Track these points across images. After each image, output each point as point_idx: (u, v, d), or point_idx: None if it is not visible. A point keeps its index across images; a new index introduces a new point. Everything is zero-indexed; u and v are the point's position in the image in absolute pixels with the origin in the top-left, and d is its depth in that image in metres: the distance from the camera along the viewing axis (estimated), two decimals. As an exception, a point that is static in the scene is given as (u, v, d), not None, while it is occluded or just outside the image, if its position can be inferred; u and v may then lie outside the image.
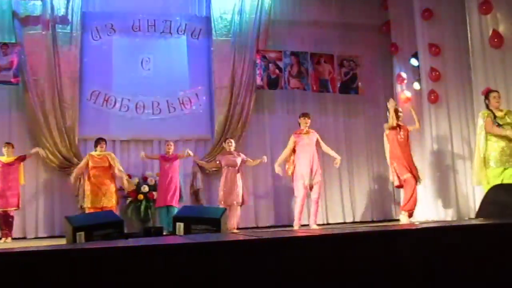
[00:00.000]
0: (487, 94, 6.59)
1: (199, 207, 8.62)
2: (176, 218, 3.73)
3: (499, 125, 6.23)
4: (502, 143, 6.19)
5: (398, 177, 7.78)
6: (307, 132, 8.27)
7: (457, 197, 8.59)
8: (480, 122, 6.39)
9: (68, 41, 9.62)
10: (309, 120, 8.30)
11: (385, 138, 8.09)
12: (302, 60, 10.44)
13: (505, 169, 6.17)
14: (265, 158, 9.16)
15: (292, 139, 8.24)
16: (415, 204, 7.66)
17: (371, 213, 10.81)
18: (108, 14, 10.09)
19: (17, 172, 8.48)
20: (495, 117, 6.27)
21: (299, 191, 8.08)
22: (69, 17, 9.66)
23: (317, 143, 8.28)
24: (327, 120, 10.72)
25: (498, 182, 6.06)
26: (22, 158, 8.58)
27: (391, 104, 7.88)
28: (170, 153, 9.17)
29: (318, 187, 8.12)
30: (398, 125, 7.86)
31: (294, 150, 8.21)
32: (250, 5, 10.43)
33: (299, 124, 8.34)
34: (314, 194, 8.14)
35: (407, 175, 7.62)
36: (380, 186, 10.93)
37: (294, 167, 8.14)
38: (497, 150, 6.19)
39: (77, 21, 9.71)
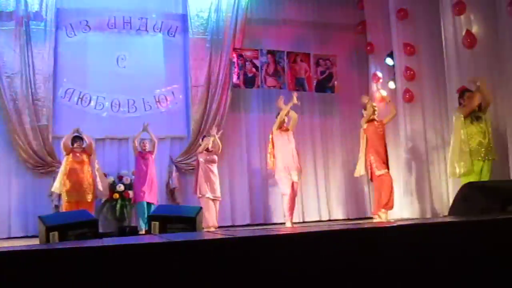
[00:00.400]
0: (461, 93, 6.70)
1: (174, 206, 8.59)
2: (152, 217, 3.71)
3: (478, 117, 6.39)
4: (479, 138, 6.33)
5: (372, 172, 7.84)
6: (286, 130, 8.32)
7: (431, 195, 8.68)
8: (459, 118, 6.52)
9: (42, 38, 9.48)
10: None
11: (361, 133, 8.11)
12: (278, 59, 10.46)
13: (483, 162, 6.32)
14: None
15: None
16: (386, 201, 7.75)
17: (347, 211, 10.87)
18: (83, 11, 9.98)
19: None
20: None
21: (285, 186, 8.08)
22: (43, 13, 9.52)
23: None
24: (303, 118, 10.72)
25: (478, 176, 6.22)
26: None
27: (365, 100, 7.96)
28: (146, 151, 9.07)
29: (296, 185, 8.17)
30: (375, 120, 7.92)
31: (273, 144, 8.27)
32: (227, 3, 10.41)
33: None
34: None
35: (384, 171, 7.68)
36: (356, 184, 10.98)
37: (275, 163, 8.17)
38: (475, 143, 6.33)
39: (51, 17, 9.58)
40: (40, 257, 1.69)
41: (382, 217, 7.77)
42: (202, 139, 9.02)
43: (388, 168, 7.86)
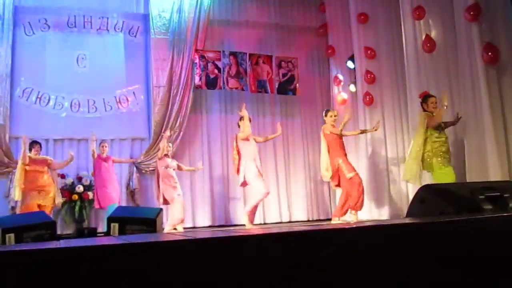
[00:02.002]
0: (424, 98, 6.83)
1: (134, 207, 8.51)
2: (111, 219, 3.67)
3: (441, 127, 6.59)
4: (437, 145, 6.50)
5: (340, 175, 7.82)
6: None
7: (391, 198, 8.81)
8: (421, 122, 6.66)
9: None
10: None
11: (322, 137, 8.10)
12: (240, 60, 10.48)
13: (444, 168, 6.51)
14: (200, 165, 9.19)
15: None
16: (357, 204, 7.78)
17: (307, 213, 10.95)
18: (42, 9, 9.80)
19: None
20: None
21: (261, 187, 8.07)
22: (0, 11, 9.30)
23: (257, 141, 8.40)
24: (265, 120, 10.80)
25: (450, 179, 6.39)
26: None
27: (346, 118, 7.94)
28: (105, 154, 8.95)
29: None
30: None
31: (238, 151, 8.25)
32: (189, 4, 10.37)
33: (238, 125, 8.38)
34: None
35: (352, 174, 7.70)
36: (317, 186, 11.08)
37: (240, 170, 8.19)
38: (441, 149, 6.49)
39: (9, 15, 9.37)
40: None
41: (353, 218, 7.79)
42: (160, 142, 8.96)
43: (356, 171, 7.87)
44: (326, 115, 8.07)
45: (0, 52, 9.22)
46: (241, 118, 8.30)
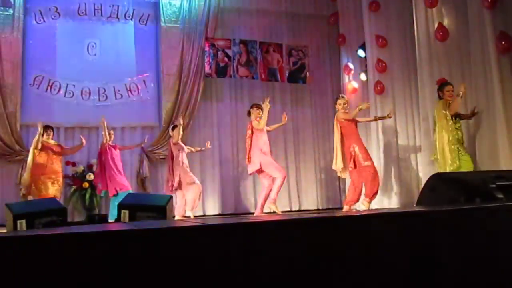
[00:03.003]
0: (441, 86, 6.75)
1: (144, 194, 8.53)
2: (122, 206, 3.68)
3: (459, 115, 6.57)
4: (453, 132, 6.45)
5: (355, 162, 7.66)
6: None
7: (402, 187, 8.77)
8: (441, 111, 6.61)
9: (10, 24, 9.29)
10: (261, 112, 8.26)
11: (336, 125, 7.94)
12: (251, 48, 10.44)
13: (459, 156, 6.49)
14: (208, 145, 9.15)
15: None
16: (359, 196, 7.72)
17: (317, 201, 10.95)
18: (52, -3, 9.82)
19: None
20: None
21: (278, 172, 8.05)
22: (11, -1, 9.35)
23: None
24: (275, 109, 10.69)
25: (469, 167, 6.38)
26: None
27: (365, 105, 7.81)
28: (110, 143, 8.87)
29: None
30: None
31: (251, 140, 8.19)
32: (199, -8, 10.36)
33: (249, 112, 8.30)
34: (268, 182, 8.15)
35: (369, 163, 7.56)
36: (327, 175, 11.07)
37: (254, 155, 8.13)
38: (459, 137, 6.49)
39: (20, 3, 9.39)
40: (9, 244, 1.66)
41: (365, 206, 7.68)
42: (172, 129, 8.92)
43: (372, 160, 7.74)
44: (336, 102, 8.00)
45: (11, 40, 9.25)
46: (256, 107, 8.24)
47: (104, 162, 8.83)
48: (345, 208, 7.87)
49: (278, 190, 8.09)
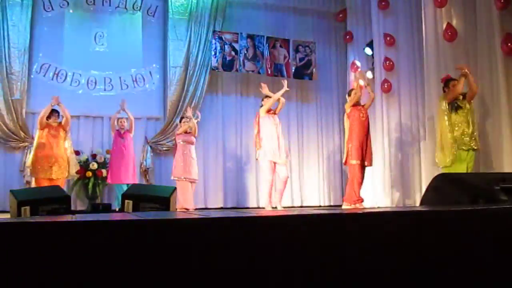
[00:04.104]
0: (446, 82, 6.72)
1: (148, 185, 8.54)
2: (125, 196, 3.69)
3: (457, 107, 6.46)
4: (463, 126, 6.39)
5: (347, 159, 7.80)
6: (274, 113, 8.27)
7: (405, 186, 8.77)
8: (442, 105, 6.57)
9: (18, 11, 9.31)
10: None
11: (345, 119, 7.99)
12: (258, 43, 10.44)
13: (467, 152, 6.39)
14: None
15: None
16: (356, 194, 7.67)
17: (319, 198, 10.97)
18: (61, -14, 9.83)
19: None
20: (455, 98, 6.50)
21: (267, 172, 8.05)
22: (20, -14, 9.35)
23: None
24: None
25: (462, 166, 6.29)
26: None
27: (359, 76, 7.79)
28: (123, 130, 8.93)
29: (286, 166, 8.16)
30: (359, 104, 7.85)
31: (258, 127, 8.19)
32: (207, -15, 10.35)
33: (262, 106, 8.31)
34: (283, 173, 8.11)
35: (356, 161, 7.62)
36: (330, 171, 11.09)
37: (261, 147, 8.11)
38: (458, 132, 6.39)
39: (29, -9, 9.42)
40: (12, 231, 1.67)
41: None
42: (180, 121, 8.93)
43: (362, 159, 7.73)
44: (349, 95, 7.98)
45: (18, 27, 9.27)
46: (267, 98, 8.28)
47: (111, 150, 8.97)
48: (344, 205, 7.89)
49: (267, 192, 8.09)
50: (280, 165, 8.05)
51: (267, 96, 8.29)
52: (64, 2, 9.80)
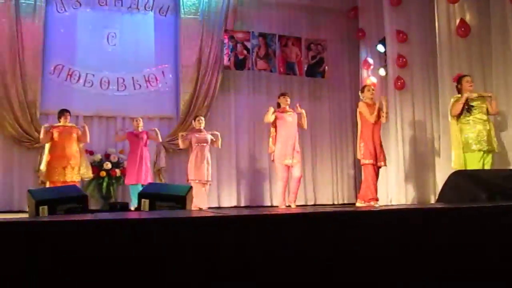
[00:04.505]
0: (459, 79, 6.67)
1: (164, 184, 8.55)
2: (142, 195, 3.71)
3: (469, 107, 6.40)
4: (479, 127, 6.33)
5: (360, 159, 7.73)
6: (289, 111, 8.23)
7: (419, 184, 8.71)
8: (451, 106, 6.54)
9: (32, 12, 9.36)
10: (289, 99, 8.25)
11: (358, 116, 7.88)
12: (269, 42, 10.44)
13: (484, 153, 6.33)
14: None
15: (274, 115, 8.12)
16: (372, 193, 7.58)
17: (333, 196, 10.95)
18: (74, -13, 9.88)
19: None
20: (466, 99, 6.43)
21: (281, 172, 8.03)
22: (34, -12, 9.41)
23: (299, 122, 8.24)
24: (292, 102, 10.73)
25: (478, 166, 6.22)
26: None
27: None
28: (139, 129, 8.93)
29: (300, 165, 8.12)
30: (372, 103, 7.68)
31: (275, 128, 8.16)
32: (219, -16, 10.36)
33: (278, 104, 8.23)
34: (296, 173, 8.07)
35: (368, 161, 7.54)
36: (343, 169, 11.07)
37: (275, 145, 8.09)
38: (474, 133, 6.33)
39: (42, -8, 9.48)
40: (34, 230, 1.69)
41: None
42: (194, 120, 8.92)
43: (374, 159, 7.56)
44: (362, 91, 7.88)
45: (32, 29, 9.33)
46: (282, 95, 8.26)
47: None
48: (358, 202, 7.81)
49: (281, 191, 8.08)
50: (293, 165, 8.03)
51: (284, 94, 8.27)
52: (77, 3, 9.86)
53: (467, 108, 6.43)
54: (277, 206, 8.65)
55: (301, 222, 2.15)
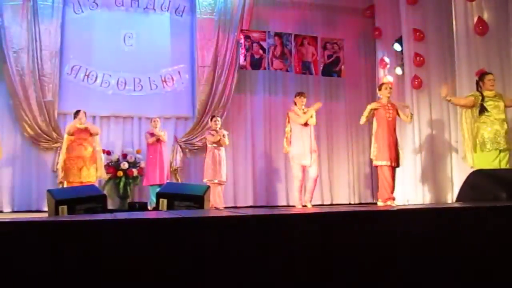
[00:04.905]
0: (481, 76, 6.59)
1: (182, 184, 8.60)
2: (160, 194, 3.73)
3: (482, 108, 6.34)
4: (496, 126, 6.27)
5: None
6: (305, 111, 8.20)
7: (437, 182, 8.65)
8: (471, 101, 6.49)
9: (49, 14, 9.45)
10: (305, 99, 8.23)
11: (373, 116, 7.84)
12: (285, 41, 10.42)
13: (500, 152, 6.26)
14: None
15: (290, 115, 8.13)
16: (388, 193, 7.53)
17: (349, 196, 10.91)
18: (91, -12, 9.95)
19: None
20: (483, 98, 6.36)
21: (297, 172, 8.03)
22: (51, -11, 9.49)
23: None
24: (308, 102, 10.67)
25: (494, 165, 6.15)
26: None
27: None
28: (156, 130, 9.04)
29: (316, 165, 8.10)
30: (389, 103, 7.64)
31: (290, 129, 8.14)
32: (235, -16, 10.37)
33: (295, 103, 8.21)
34: (313, 173, 8.04)
35: (382, 163, 7.48)
36: (359, 169, 11.04)
37: (291, 145, 8.08)
38: (491, 132, 6.27)
39: (59, -7, 9.56)
40: (56, 229, 1.70)
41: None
42: (211, 120, 8.98)
43: (390, 160, 7.44)
44: (380, 89, 7.84)
45: (50, 30, 9.41)
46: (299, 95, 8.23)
47: None
48: (379, 202, 7.77)
49: (298, 191, 8.06)
50: (311, 165, 8.00)
51: (301, 94, 8.25)
52: (94, 3, 9.92)
53: (480, 109, 6.39)
54: (293, 206, 8.63)
55: (320, 222, 2.15)
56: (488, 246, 2.37)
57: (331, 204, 10.65)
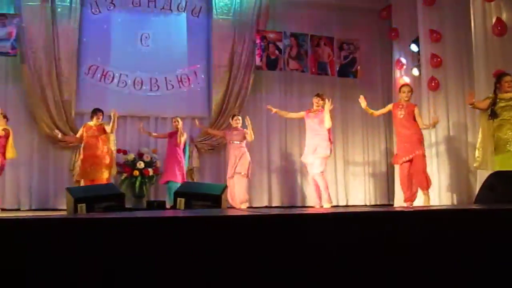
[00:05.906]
0: (499, 77, 6.54)
1: (199, 183, 8.64)
2: (178, 194, 3.75)
3: (492, 113, 6.31)
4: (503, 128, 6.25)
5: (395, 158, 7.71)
6: (315, 112, 8.26)
7: (455, 183, 8.59)
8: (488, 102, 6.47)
9: (67, 14, 9.53)
10: (321, 100, 8.24)
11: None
12: (301, 42, 10.42)
13: None
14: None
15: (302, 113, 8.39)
16: (405, 193, 7.53)
17: (364, 197, 10.87)
18: (108, -12, 10.02)
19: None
20: (494, 103, 6.32)
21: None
22: (70, -10, 9.58)
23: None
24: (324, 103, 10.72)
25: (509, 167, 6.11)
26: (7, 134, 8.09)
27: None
28: (176, 129, 9.16)
29: (315, 166, 8.10)
30: (405, 103, 7.60)
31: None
32: (251, -15, 10.38)
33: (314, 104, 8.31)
34: (310, 173, 8.13)
35: (403, 159, 7.48)
36: (375, 170, 10.98)
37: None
38: (508, 134, 6.22)
39: (77, -6, 9.64)
40: (77, 226, 1.72)
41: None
42: (232, 118, 9.04)
43: (405, 153, 7.45)
44: (400, 91, 7.84)
45: (67, 30, 9.49)
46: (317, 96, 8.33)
47: None
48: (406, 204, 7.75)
49: (316, 190, 8.13)
50: (310, 165, 8.09)
51: (319, 95, 8.31)
52: (111, 4, 9.99)
53: (490, 113, 6.37)
54: (309, 207, 8.65)
55: (337, 222, 2.14)
56: (504, 248, 2.35)
57: (347, 205, 10.61)
